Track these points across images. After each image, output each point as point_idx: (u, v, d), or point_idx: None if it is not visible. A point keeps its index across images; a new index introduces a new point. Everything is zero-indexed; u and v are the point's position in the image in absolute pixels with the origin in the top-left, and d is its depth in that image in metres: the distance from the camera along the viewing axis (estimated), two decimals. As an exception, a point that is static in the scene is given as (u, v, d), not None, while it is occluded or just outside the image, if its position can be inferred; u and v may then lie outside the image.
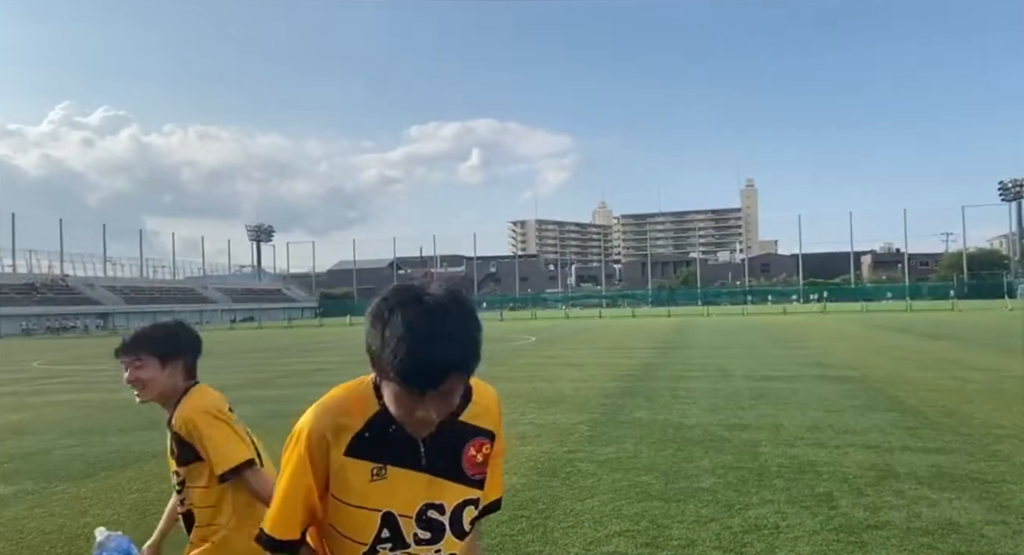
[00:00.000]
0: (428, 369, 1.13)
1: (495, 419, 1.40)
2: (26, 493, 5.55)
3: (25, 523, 4.74)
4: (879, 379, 10.72)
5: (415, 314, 1.14)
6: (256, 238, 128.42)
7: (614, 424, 7.63)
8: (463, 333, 1.17)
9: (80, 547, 4.19)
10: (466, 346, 1.17)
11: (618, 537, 4.02)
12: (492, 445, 1.37)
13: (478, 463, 1.33)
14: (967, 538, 3.78)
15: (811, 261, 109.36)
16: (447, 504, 1.31)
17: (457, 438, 1.32)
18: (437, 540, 1.31)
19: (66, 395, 12.89)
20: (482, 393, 1.40)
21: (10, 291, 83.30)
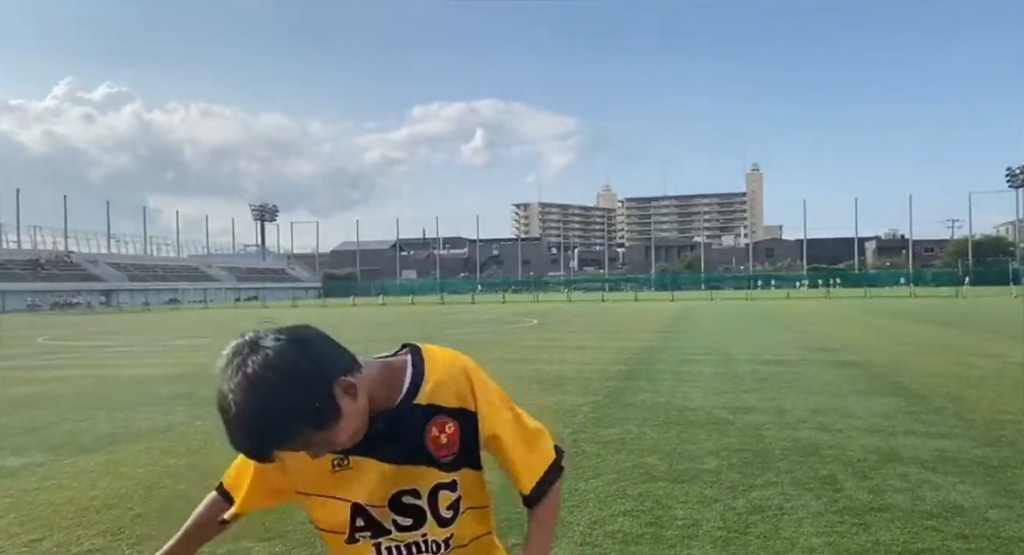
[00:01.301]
0: (243, 450, 1.13)
1: (459, 393, 1.25)
2: (36, 465, 5.60)
3: (35, 494, 4.78)
4: (882, 364, 10.73)
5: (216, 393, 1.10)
6: (260, 217, 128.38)
7: (618, 406, 7.65)
8: (250, 421, 1.06)
9: (90, 518, 4.24)
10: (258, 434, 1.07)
11: (622, 517, 4.05)
12: (458, 424, 1.24)
13: (443, 444, 1.24)
14: (971, 521, 3.79)
15: (815, 246, 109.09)
16: (422, 489, 1.25)
17: (414, 421, 1.23)
18: (419, 526, 1.27)
19: (71, 370, 12.97)
20: (436, 366, 1.26)
21: (15, 267, 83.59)
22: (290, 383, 1.08)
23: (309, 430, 1.10)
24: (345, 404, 1.13)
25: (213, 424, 7.06)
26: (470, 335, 19.82)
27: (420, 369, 1.25)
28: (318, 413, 1.11)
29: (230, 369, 1.09)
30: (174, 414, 7.84)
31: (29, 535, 3.97)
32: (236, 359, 1.10)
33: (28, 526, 4.13)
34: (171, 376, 11.53)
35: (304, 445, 1.13)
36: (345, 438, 1.16)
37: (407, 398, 1.23)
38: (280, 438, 1.10)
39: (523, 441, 1.30)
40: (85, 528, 4.07)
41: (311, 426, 1.10)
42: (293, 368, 1.09)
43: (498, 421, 1.27)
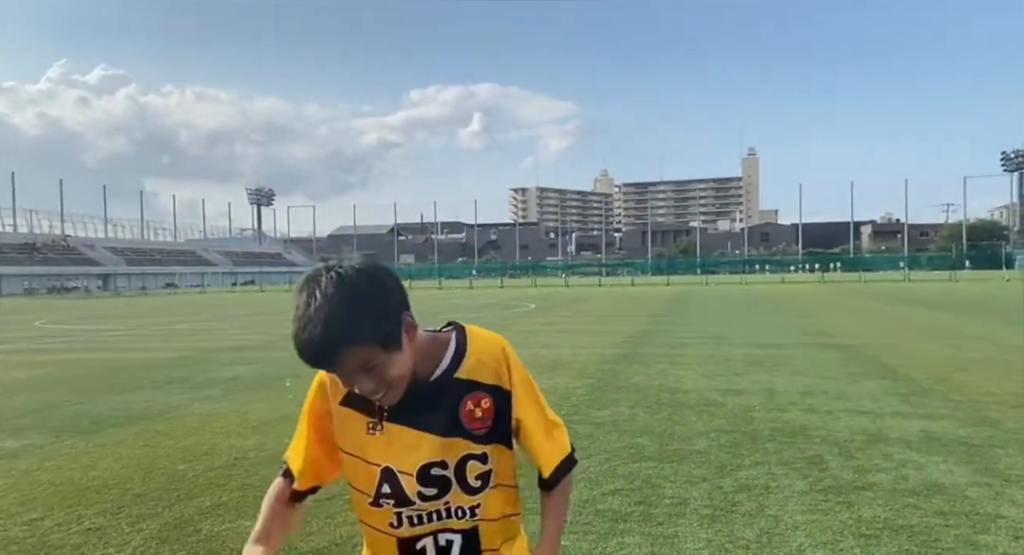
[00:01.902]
0: (304, 353, 1.17)
1: (497, 371, 1.33)
2: (35, 447, 5.68)
3: (36, 475, 4.86)
4: (873, 347, 10.84)
5: (300, 296, 1.18)
6: (257, 201, 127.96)
7: (611, 389, 7.74)
8: (333, 315, 1.14)
9: (90, 498, 4.31)
10: (335, 329, 1.14)
11: (612, 495, 4.14)
12: (493, 400, 1.31)
13: (477, 418, 1.30)
14: (951, 498, 3.89)
15: (811, 231, 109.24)
16: (450, 460, 1.30)
17: (453, 394, 1.30)
18: (443, 495, 1.31)
19: (69, 354, 13.03)
20: (479, 346, 1.34)
21: (11, 250, 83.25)
22: (373, 294, 1.18)
23: (375, 345, 1.18)
24: (404, 340, 1.22)
25: (212, 407, 7.15)
26: (468, 320, 19.81)
27: (463, 346, 1.33)
28: (388, 332, 1.19)
29: (323, 278, 1.17)
30: (172, 397, 7.91)
31: (30, 514, 4.05)
32: (328, 272, 1.18)
33: (29, 505, 4.21)
34: (169, 360, 11.59)
35: (363, 360, 1.18)
36: (396, 373, 1.22)
37: (448, 371, 1.30)
38: (350, 339, 1.15)
39: (545, 429, 1.37)
40: (85, 508, 4.15)
41: (378, 341, 1.18)
42: (379, 283, 1.20)
43: (526, 405, 1.35)
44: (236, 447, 5.47)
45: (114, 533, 3.73)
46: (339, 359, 1.17)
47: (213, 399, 7.71)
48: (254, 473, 4.70)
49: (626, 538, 3.49)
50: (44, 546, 3.57)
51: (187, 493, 4.39)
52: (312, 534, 3.63)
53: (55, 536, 3.70)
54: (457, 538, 1.33)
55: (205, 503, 4.17)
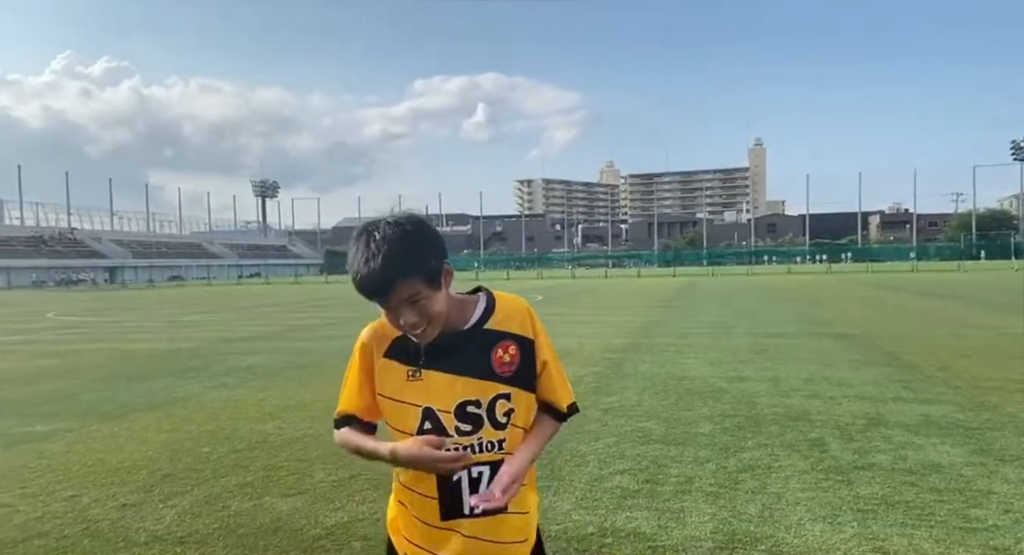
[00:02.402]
0: (364, 285, 1.41)
1: (522, 324, 1.56)
2: (65, 431, 5.89)
3: (68, 457, 5.07)
4: (878, 336, 10.98)
5: (360, 240, 1.43)
6: (261, 194, 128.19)
7: (619, 376, 7.91)
8: (391, 252, 1.38)
9: (122, 477, 4.52)
10: (392, 263, 1.38)
11: (620, 475, 4.32)
12: (519, 347, 1.54)
13: (505, 362, 1.52)
14: (946, 477, 4.06)
15: (818, 221, 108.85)
16: (483, 399, 1.51)
17: (484, 342, 1.52)
18: (477, 431, 1.51)
19: (85, 345, 13.28)
20: (506, 302, 1.58)
21: (19, 243, 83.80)
22: (421, 239, 1.44)
23: (422, 279, 1.42)
24: (443, 282, 1.47)
25: (230, 394, 7.36)
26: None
27: (492, 303, 1.57)
28: (433, 271, 1.44)
29: (380, 225, 1.43)
30: (190, 385, 8.12)
31: (67, 492, 4.26)
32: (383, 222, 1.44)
33: (65, 484, 4.42)
34: (183, 350, 11.82)
35: (412, 292, 1.41)
36: (436, 309, 1.45)
37: (479, 323, 1.54)
38: (404, 273, 1.39)
39: (561, 374, 1.64)
40: (118, 486, 4.35)
41: (425, 277, 1.42)
42: (426, 230, 1.46)
43: (548, 352, 1.59)
44: (256, 431, 5.66)
45: (148, 509, 3.93)
46: (393, 290, 1.40)
47: (230, 386, 7.92)
48: (275, 455, 4.89)
49: (634, 513, 3.67)
50: (84, 520, 3.77)
51: (213, 473, 4.59)
52: (336, 509, 3.83)
53: (94, 511, 3.91)
54: (486, 470, 1.52)
55: (231, 482, 4.37)
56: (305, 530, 3.57)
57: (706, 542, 3.28)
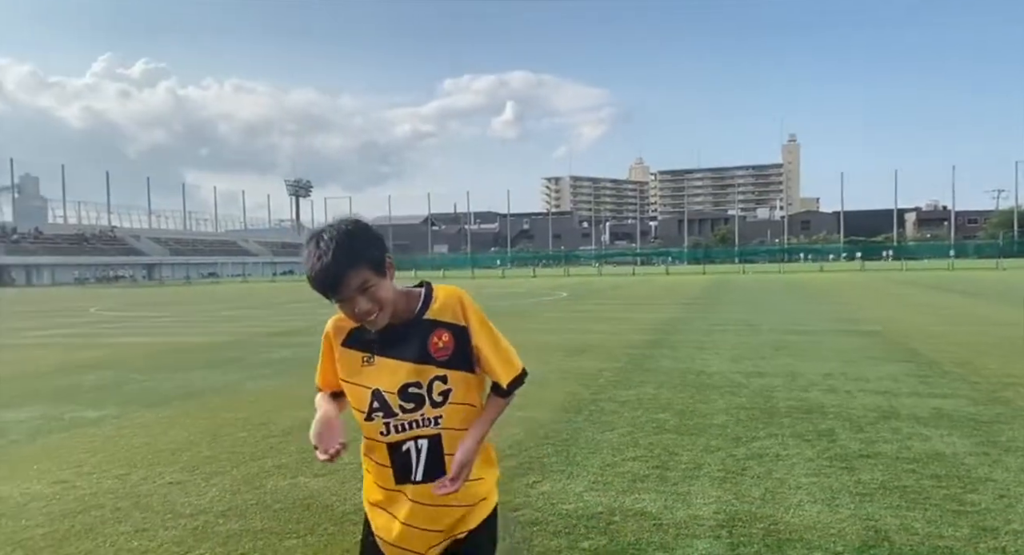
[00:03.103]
0: (318, 279, 1.62)
1: (455, 313, 1.75)
2: (112, 417, 6.29)
3: (116, 440, 5.45)
4: (902, 333, 10.97)
5: (308, 243, 1.65)
6: (295, 193, 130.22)
7: (638, 371, 8.09)
8: (339, 247, 1.59)
9: (167, 458, 4.87)
10: (341, 256, 1.59)
11: (632, 461, 4.52)
12: (452, 334, 1.73)
13: (440, 348, 1.72)
14: (948, 465, 4.19)
15: (853, 219, 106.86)
16: (422, 381, 1.71)
17: (423, 331, 1.73)
18: (418, 409, 1.72)
19: (127, 338, 13.86)
20: (441, 294, 1.78)
21: (63, 241, 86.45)
22: (363, 235, 1.66)
23: (369, 268, 1.63)
24: (388, 273, 1.69)
25: (265, 385, 7.73)
26: (500, 307, 20.36)
27: (430, 295, 1.78)
28: (377, 260, 1.65)
29: (324, 230, 1.65)
30: (228, 376, 8.52)
31: (118, 470, 4.61)
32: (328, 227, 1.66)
33: (115, 463, 4.78)
34: (220, 343, 12.30)
35: (362, 281, 1.62)
36: (385, 296, 1.67)
37: (420, 313, 1.75)
38: (352, 264, 1.60)
39: (497, 353, 1.79)
40: (164, 466, 4.70)
41: (371, 266, 1.64)
42: (365, 229, 1.69)
43: (481, 337, 1.77)
44: (291, 418, 5.99)
45: (192, 486, 4.26)
46: (345, 280, 1.61)
47: (266, 377, 8.29)
48: (308, 440, 5.19)
49: (642, 495, 3.88)
50: (135, 495, 4.11)
51: (250, 456, 4.91)
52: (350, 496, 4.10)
53: (143, 488, 4.25)
54: (425, 442, 1.73)
55: (267, 464, 4.68)
56: (335, 506, 3.85)
57: (708, 521, 3.48)
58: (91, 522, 3.71)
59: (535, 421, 5.63)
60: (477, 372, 1.78)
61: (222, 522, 3.67)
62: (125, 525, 3.65)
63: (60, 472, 4.61)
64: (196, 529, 3.58)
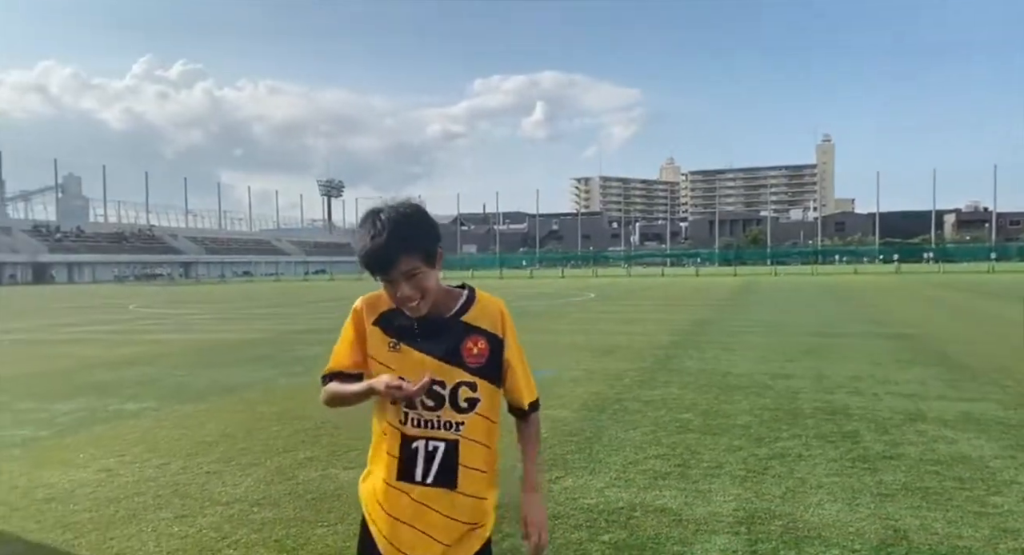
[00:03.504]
0: (369, 259, 1.59)
1: (495, 323, 1.71)
2: (152, 410, 6.54)
3: (156, 432, 5.67)
4: (933, 336, 10.81)
5: (364, 221, 1.63)
6: (327, 193, 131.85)
7: (663, 371, 8.12)
8: (395, 230, 1.56)
9: (204, 450, 5.06)
10: (395, 240, 1.56)
11: (655, 459, 4.59)
12: (488, 343, 1.69)
13: (474, 354, 1.67)
14: (973, 467, 4.18)
15: (889, 220, 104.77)
16: (447, 382, 1.66)
17: (458, 333, 1.68)
18: (438, 408, 1.67)
19: (165, 335, 14.27)
20: (484, 302, 1.73)
21: (103, 240, 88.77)
22: (420, 221, 1.64)
23: (420, 256, 1.61)
24: (438, 263, 1.66)
25: (298, 381, 7.93)
26: (527, 307, 20.45)
27: (472, 298, 1.75)
28: (430, 250, 1.63)
29: (383, 210, 1.62)
30: (262, 372, 8.76)
31: (158, 460, 4.82)
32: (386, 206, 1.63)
33: (155, 454, 4.99)
34: (254, 340, 12.61)
35: (411, 266, 1.59)
36: (430, 285, 1.64)
37: (458, 314, 1.71)
38: (406, 249, 1.58)
39: (525, 375, 1.78)
40: (202, 456, 4.89)
41: (423, 254, 1.61)
42: (424, 215, 1.67)
43: (513, 353, 1.75)
44: (322, 413, 6.15)
45: (229, 476, 4.44)
46: (396, 263, 1.58)
47: (298, 374, 8.51)
48: (338, 434, 5.35)
49: (664, 491, 3.95)
50: (175, 484, 4.30)
51: (283, 448, 5.08)
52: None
53: (182, 477, 4.44)
54: (441, 446, 1.68)
55: (299, 456, 4.85)
56: (364, 497, 3.99)
57: (728, 518, 3.54)
58: (134, 508, 3.90)
59: (559, 419, 5.72)
60: (501, 387, 1.75)
61: (257, 510, 3.84)
62: (166, 511, 3.83)
63: (104, 460, 4.83)
64: (232, 516, 3.75)
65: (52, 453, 5.08)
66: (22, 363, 10.18)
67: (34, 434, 5.69)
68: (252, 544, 3.38)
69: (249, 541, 3.42)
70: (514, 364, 1.74)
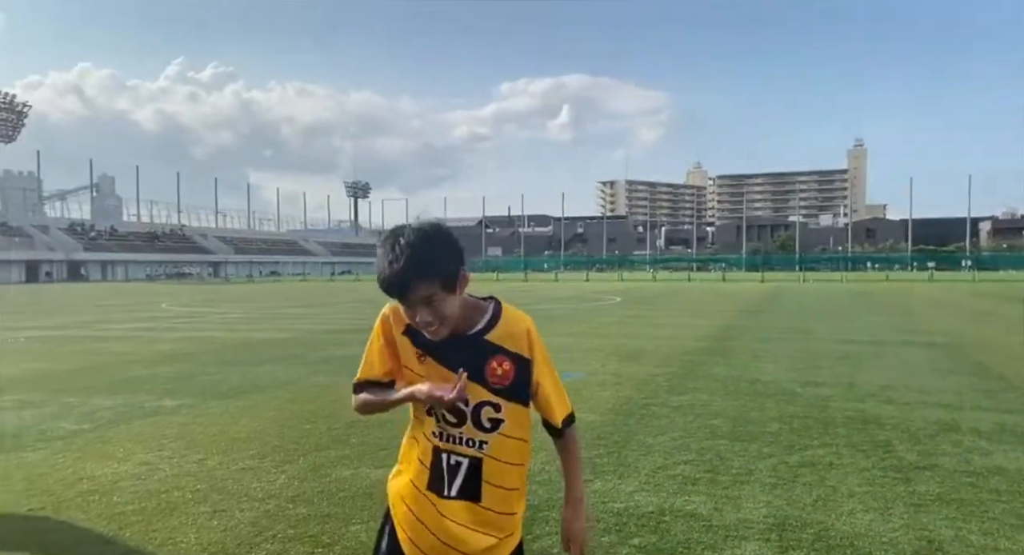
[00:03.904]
0: (386, 284, 1.55)
1: (520, 343, 1.65)
2: (187, 406, 6.69)
3: (192, 427, 5.81)
4: (968, 345, 10.61)
5: (384, 242, 1.57)
6: (354, 194, 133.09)
7: (691, 377, 8.09)
8: (412, 255, 1.50)
9: (239, 446, 5.18)
10: (412, 265, 1.50)
11: (684, 465, 4.59)
12: (514, 364, 1.64)
13: (498, 375, 1.63)
14: (1011, 480, 4.12)
15: (922, 227, 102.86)
16: (469, 400, 1.63)
17: (481, 351, 1.64)
18: (460, 425, 1.66)
19: (196, 332, 14.55)
20: (509, 320, 1.67)
21: (136, 239, 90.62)
22: (441, 245, 1.58)
23: (438, 282, 1.55)
24: (458, 287, 1.60)
25: (328, 380, 8.05)
26: (552, 311, 20.46)
27: (497, 316, 1.68)
28: (449, 276, 1.57)
29: (405, 230, 1.57)
30: (292, 370, 8.91)
31: (196, 455, 4.94)
32: (408, 227, 1.58)
33: (193, 449, 5.11)
34: (284, 339, 12.80)
35: (427, 292, 1.54)
36: (448, 312, 1.58)
37: (481, 332, 1.65)
38: (421, 275, 1.52)
39: (556, 393, 1.73)
40: (236, 453, 5.01)
41: (440, 280, 1.55)
42: (446, 238, 1.60)
43: (544, 373, 1.70)
44: (352, 412, 6.23)
45: (264, 472, 4.54)
46: (411, 290, 1.54)
47: (328, 373, 8.64)
48: (368, 433, 5.43)
49: (693, 497, 3.95)
50: (212, 479, 4.41)
51: (315, 446, 5.18)
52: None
53: (219, 472, 4.55)
54: (465, 462, 1.67)
55: (331, 454, 4.93)
56: (396, 496, 4.06)
57: (758, 524, 3.54)
58: (174, 501, 4.01)
59: (587, 422, 5.74)
60: (529, 406, 1.72)
61: (292, 507, 3.92)
62: (205, 506, 3.94)
63: (144, 455, 4.97)
64: (268, 512, 3.84)
65: (94, 446, 5.24)
66: (62, 359, 10.46)
67: (76, 427, 5.87)
68: (288, 539, 3.46)
69: (285, 536, 3.50)
70: (544, 384, 1.69)
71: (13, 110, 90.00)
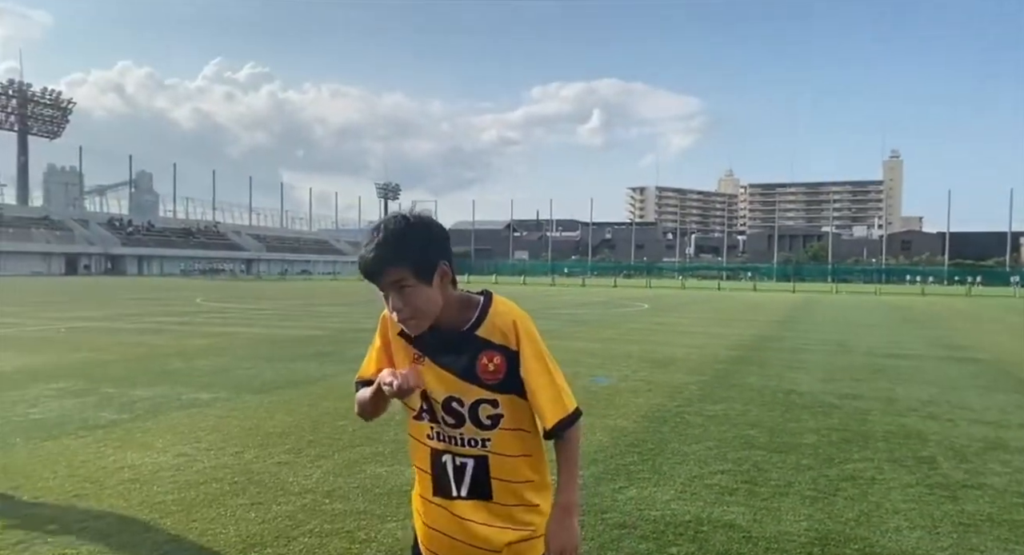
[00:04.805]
0: (361, 265, 1.55)
1: (507, 337, 1.60)
2: (223, 400, 6.79)
3: (227, 421, 5.89)
4: (1012, 362, 10.31)
5: (372, 229, 1.58)
6: (384, 195, 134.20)
7: (724, 386, 7.98)
8: (386, 240, 1.52)
9: (275, 440, 5.23)
10: (385, 249, 1.51)
11: (720, 474, 4.52)
12: (505, 358, 1.58)
13: (490, 371, 1.59)
14: (1063, 503, 3.97)
15: (960, 240, 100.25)
16: (465, 399, 1.60)
17: (473, 348, 1.60)
18: (460, 425, 1.62)
19: (232, 328, 14.77)
20: (497, 312, 1.62)
21: (172, 235, 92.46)
22: (418, 234, 1.56)
23: (409, 269, 1.53)
24: (435, 281, 1.57)
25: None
26: (579, 315, 20.37)
27: (486, 311, 1.63)
28: (422, 264, 1.55)
29: (390, 220, 1.57)
30: (325, 367, 8.99)
31: (233, 448, 5.01)
32: (395, 216, 1.58)
33: (229, 442, 5.18)
34: (315, 337, 12.93)
35: (398, 277, 1.53)
36: (422, 304, 1.56)
37: (471, 328, 1.62)
38: (392, 261, 1.52)
39: (545, 390, 1.61)
40: (273, 447, 5.06)
41: (412, 268, 1.54)
42: (426, 229, 1.59)
43: (530, 369, 1.60)
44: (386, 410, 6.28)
45: (300, 467, 4.57)
46: (382, 273, 1.54)
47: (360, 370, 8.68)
48: (402, 430, 5.43)
49: (731, 508, 3.89)
50: (249, 472, 4.46)
51: (350, 442, 5.21)
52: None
53: (256, 466, 4.60)
54: (470, 462, 1.63)
55: (366, 451, 4.96)
56: (430, 495, 4.05)
57: (800, 537, 3.46)
58: (213, 493, 4.06)
59: (620, 429, 5.70)
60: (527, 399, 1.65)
61: (327, 502, 3.94)
62: (242, 498, 3.98)
63: (182, 446, 5.05)
64: (305, 506, 3.87)
65: (133, 436, 5.33)
66: (102, 350, 10.69)
67: (116, 417, 5.98)
68: (325, 534, 3.48)
69: (322, 531, 3.52)
70: (531, 381, 1.59)
71: (58, 107, 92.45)
